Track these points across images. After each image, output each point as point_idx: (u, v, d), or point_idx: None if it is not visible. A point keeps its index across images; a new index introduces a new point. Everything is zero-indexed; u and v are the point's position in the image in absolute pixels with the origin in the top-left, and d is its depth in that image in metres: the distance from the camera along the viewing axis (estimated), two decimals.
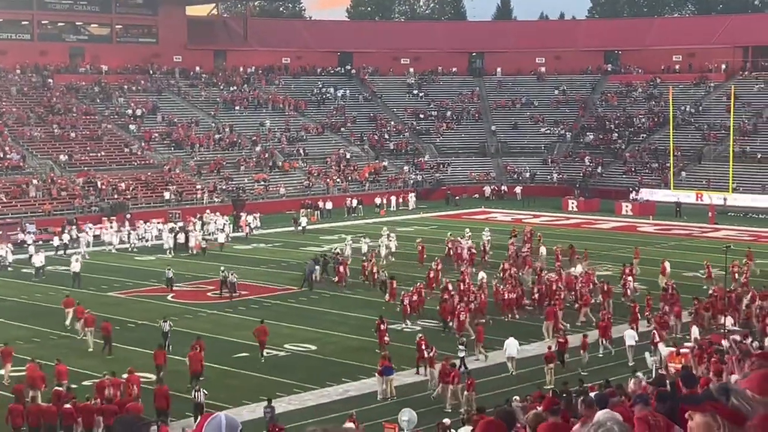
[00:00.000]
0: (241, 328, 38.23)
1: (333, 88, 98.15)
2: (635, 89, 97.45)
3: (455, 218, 71.46)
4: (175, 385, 28.87)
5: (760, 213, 70.90)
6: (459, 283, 41.36)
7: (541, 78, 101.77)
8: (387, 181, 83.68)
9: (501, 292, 40.39)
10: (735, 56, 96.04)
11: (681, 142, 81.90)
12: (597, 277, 43.18)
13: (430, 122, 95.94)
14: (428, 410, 27.54)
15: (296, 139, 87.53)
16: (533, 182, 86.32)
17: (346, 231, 63.16)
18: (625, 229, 65.79)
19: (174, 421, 27.27)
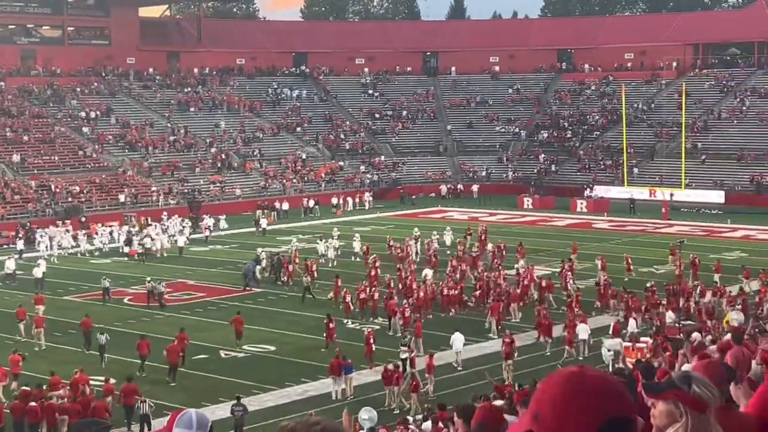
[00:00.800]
0: (199, 329, 38.12)
1: (288, 88, 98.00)
2: (588, 87, 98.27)
3: (412, 217, 71.59)
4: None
5: (712, 209, 71.76)
6: (402, 281, 42.01)
7: (495, 77, 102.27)
8: (343, 181, 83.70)
9: (441, 288, 40.97)
10: (686, 54, 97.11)
11: (634, 140, 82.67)
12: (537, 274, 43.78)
13: (385, 122, 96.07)
14: (389, 409, 27.63)
15: (252, 140, 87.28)
16: (489, 181, 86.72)
17: (303, 231, 63.15)
18: (581, 226, 66.29)
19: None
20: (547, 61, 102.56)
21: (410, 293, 40.02)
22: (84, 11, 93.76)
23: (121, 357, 33.49)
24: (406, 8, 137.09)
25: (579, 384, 2.79)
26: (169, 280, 47.59)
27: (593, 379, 2.81)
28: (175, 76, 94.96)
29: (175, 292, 45.77)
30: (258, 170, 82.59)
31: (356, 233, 56.53)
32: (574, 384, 2.79)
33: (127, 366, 31.88)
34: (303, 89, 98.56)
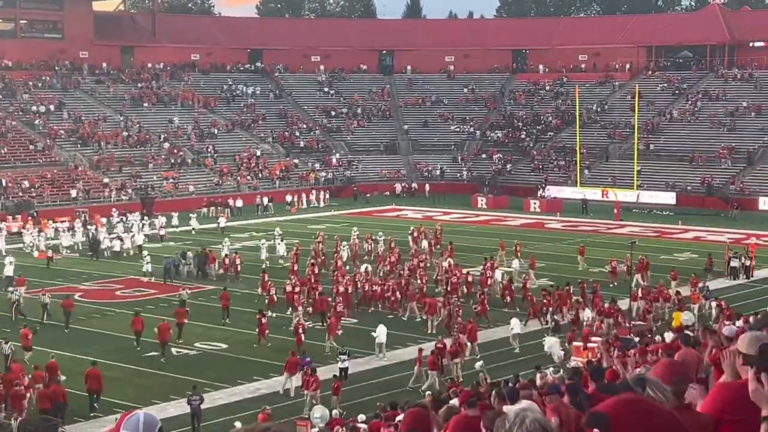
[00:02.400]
0: (150, 327, 37.84)
1: (243, 85, 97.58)
2: (542, 88, 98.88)
3: (366, 215, 71.63)
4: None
5: (663, 209, 72.48)
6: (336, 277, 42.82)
7: (450, 76, 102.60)
8: (298, 179, 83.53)
9: (363, 284, 41.62)
10: (639, 56, 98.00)
11: (587, 140, 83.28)
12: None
13: (340, 120, 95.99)
14: (341, 407, 27.59)
15: (206, 136, 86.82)
16: (443, 179, 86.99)
17: (257, 229, 62.90)
18: (534, 225, 66.65)
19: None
20: (502, 61, 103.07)
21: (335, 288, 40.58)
22: (37, 4, 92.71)
23: (72, 354, 33.16)
24: (363, 6, 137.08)
25: None
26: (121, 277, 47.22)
27: None
28: (129, 70, 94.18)
29: (127, 288, 45.49)
30: (212, 166, 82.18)
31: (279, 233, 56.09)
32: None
33: (79, 363, 31.52)
34: (258, 86, 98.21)
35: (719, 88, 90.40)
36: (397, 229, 61.90)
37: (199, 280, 47.31)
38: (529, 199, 75.68)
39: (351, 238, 53.69)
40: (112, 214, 64.69)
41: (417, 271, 44.30)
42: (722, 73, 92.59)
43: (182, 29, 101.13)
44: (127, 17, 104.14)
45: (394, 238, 53.59)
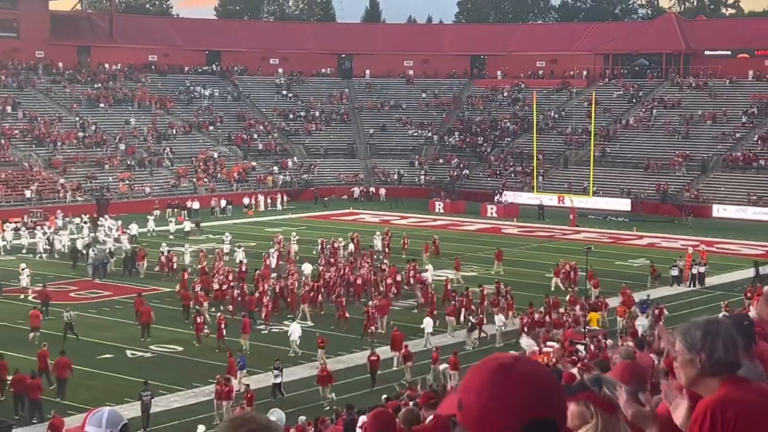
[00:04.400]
0: (105, 329, 37.72)
1: (201, 86, 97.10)
2: (500, 93, 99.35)
3: (324, 219, 71.58)
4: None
5: (618, 216, 73.07)
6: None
7: (409, 81, 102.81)
8: (256, 182, 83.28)
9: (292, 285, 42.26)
10: (596, 63, 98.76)
11: (544, 146, 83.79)
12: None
13: (299, 123, 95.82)
14: (298, 409, 27.52)
15: (163, 137, 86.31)
16: (401, 184, 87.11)
17: (214, 231, 62.57)
18: (490, 230, 66.91)
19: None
20: (460, 67, 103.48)
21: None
22: None
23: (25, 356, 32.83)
24: (322, 10, 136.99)
25: (506, 378, 2.68)
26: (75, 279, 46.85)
27: (523, 374, 2.69)
28: (85, 71, 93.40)
29: (81, 290, 45.14)
30: (169, 168, 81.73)
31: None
32: (501, 377, 2.68)
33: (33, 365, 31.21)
34: (216, 88, 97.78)
35: (674, 96, 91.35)
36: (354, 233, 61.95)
37: (127, 278, 47.88)
38: (486, 204, 75.97)
39: (283, 242, 53.54)
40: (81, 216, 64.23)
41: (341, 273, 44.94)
42: (677, 82, 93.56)
43: (139, 30, 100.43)
44: (83, 17, 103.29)
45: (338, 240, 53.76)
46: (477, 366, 2.75)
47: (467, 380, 2.74)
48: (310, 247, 53.60)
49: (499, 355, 2.78)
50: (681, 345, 4.01)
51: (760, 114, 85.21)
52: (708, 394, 3.90)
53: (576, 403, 3.69)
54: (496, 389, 2.66)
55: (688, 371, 3.97)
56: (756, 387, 4.05)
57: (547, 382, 2.71)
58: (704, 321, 4.07)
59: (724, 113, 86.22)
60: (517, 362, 2.72)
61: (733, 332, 4.06)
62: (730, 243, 60.54)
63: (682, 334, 4.02)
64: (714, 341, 3.91)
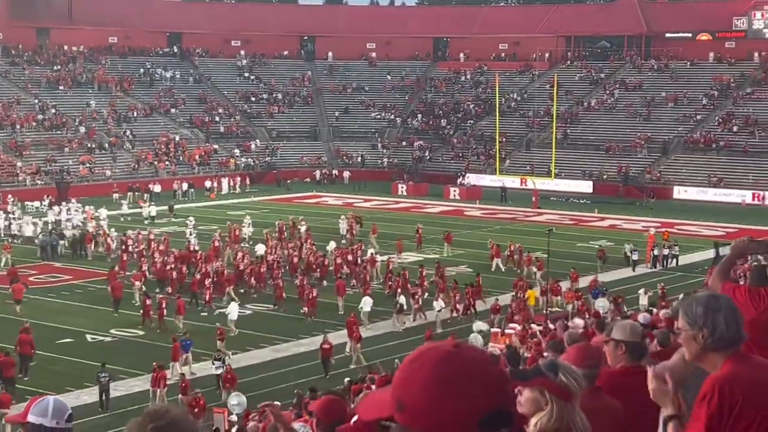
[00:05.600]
0: (64, 313, 37.44)
1: (162, 69, 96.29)
2: (463, 76, 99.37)
3: (286, 202, 71.35)
4: None
5: (580, 198, 73.40)
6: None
7: (371, 63, 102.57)
8: (218, 165, 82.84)
9: (237, 264, 42.88)
10: (558, 46, 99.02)
11: (506, 129, 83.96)
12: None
13: (261, 106, 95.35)
14: (258, 394, 27.42)
15: (123, 120, 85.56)
16: (364, 167, 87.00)
17: (176, 215, 62.07)
18: (453, 213, 67.00)
19: None
20: (423, 49, 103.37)
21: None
22: None
23: None
24: None
25: (453, 368, 2.43)
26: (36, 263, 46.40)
27: (469, 361, 2.46)
28: (44, 53, 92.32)
29: (41, 274, 44.74)
30: (129, 151, 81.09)
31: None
32: (447, 367, 2.43)
33: None
34: (177, 70, 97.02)
35: (636, 79, 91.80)
36: (317, 216, 61.94)
37: (76, 260, 47.94)
38: (449, 187, 76.07)
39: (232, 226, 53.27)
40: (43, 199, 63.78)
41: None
42: (639, 64, 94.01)
43: (100, 11, 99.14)
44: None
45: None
46: (413, 359, 2.48)
47: (404, 376, 2.47)
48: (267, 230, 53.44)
49: (435, 344, 2.51)
50: (683, 321, 4.02)
51: (721, 96, 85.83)
52: (712, 369, 3.95)
53: (531, 389, 3.62)
54: (444, 382, 2.41)
55: (692, 347, 4.00)
56: (759, 363, 4.07)
57: (495, 368, 2.51)
58: (705, 296, 4.09)
59: (685, 95, 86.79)
60: (458, 349, 2.48)
61: (734, 306, 4.07)
62: (690, 224, 60.99)
63: (683, 310, 4.03)
64: (715, 316, 3.94)
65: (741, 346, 4.03)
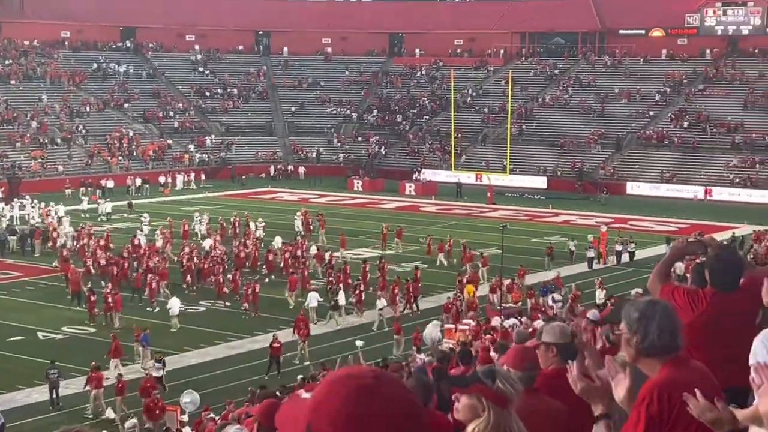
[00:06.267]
0: (16, 310, 37.06)
1: (115, 63, 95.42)
2: (419, 71, 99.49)
3: (241, 197, 71.05)
4: None
5: (535, 194, 73.76)
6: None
7: (327, 59, 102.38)
8: (172, 160, 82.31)
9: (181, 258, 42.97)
10: (513, 41, 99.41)
11: (462, 125, 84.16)
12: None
13: (216, 101, 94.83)
14: (211, 391, 27.31)
15: (76, 114, 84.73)
16: (319, 162, 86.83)
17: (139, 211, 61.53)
18: (409, 208, 67.08)
19: None
20: (378, 45, 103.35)
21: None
22: None
23: None
24: None
25: (368, 404, 2.30)
26: None
27: (387, 399, 2.32)
28: None
29: None
30: (82, 146, 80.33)
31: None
32: (363, 402, 2.31)
33: None
34: (131, 65, 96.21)
35: (590, 75, 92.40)
36: (273, 212, 61.80)
37: (25, 257, 47.70)
38: (405, 183, 76.15)
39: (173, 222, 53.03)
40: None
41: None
42: (592, 60, 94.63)
43: (52, 5, 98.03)
44: None
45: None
46: (330, 383, 2.38)
47: (318, 400, 2.38)
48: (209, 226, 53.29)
49: (358, 372, 2.40)
50: (623, 324, 4.05)
51: (673, 92, 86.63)
52: (649, 372, 3.99)
53: (468, 396, 3.63)
54: (353, 419, 2.29)
55: (628, 351, 4.03)
56: (696, 368, 4.09)
57: (412, 407, 2.39)
58: (642, 302, 4.11)
59: (638, 92, 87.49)
60: (380, 384, 2.35)
61: (671, 315, 4.08)
62: (643, 220, 61.49)
63: (624, 313, 4.06)
64: (648, 324, 3.98)
65: (679, 352, 4.06)
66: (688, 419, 3.80)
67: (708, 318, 5.78)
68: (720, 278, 5.93)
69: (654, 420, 3.84)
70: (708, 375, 4.04)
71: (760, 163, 74.40)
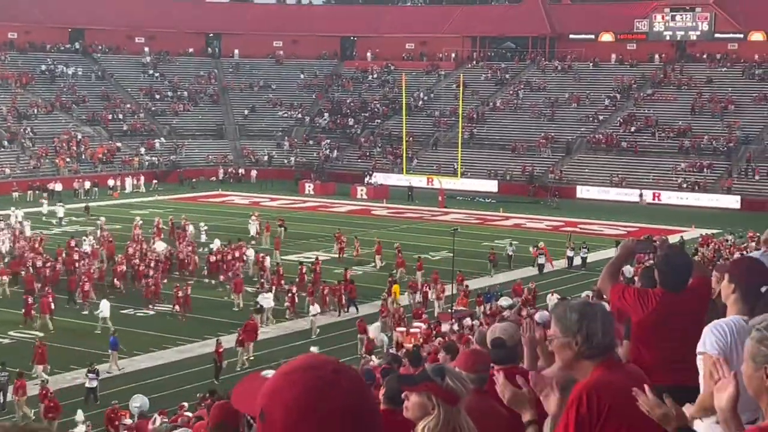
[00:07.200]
0: None
1: (63, 65, 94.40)
2: (370, 75, 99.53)
3: (191, 201, 70.61)
4: None
5: (486, 197, 74.03)
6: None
7: (278, 61, 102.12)
8: (121, 163, 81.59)
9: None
10: (464, 46, 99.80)
11: (413, 128, 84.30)
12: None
13: (166, 103, 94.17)
14: (162, 395, 27.08)
15: (23, 117, 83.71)
16: (270, 165, 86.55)
17: (77, 214, 60.90)
18: (360, 212, 67.05)
19: None
20: (330, 48, 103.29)
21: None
22: None
23: None
24: None
25: (325, 398, 2.26)
26: None
27: (345, 394, 2.28)
28: None
29: None
30: (29, 149, 79.39)
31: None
32: (319, 396, 2.26)
33: None
34: (79, 67, 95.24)
35: (540, 79, 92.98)
36: (223, 215, 61.53)
37: None
38: (356, 186, 76.10)
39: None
40: None
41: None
42: (543, 65, 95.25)
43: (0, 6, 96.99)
44: None
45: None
46: (288, 372, 2.33)
47: (275, 387, 2.33)
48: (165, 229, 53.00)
49: (318, 363, 2.35)
50: (556, 328, 3.97)
51: (622, 97, 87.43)
52: (582, 377, 3.93)
53: (418, 393, 3.62)
54: (309, 411, 2.26)
55: (565, 354, 3.95)
56: (628, 370, 4.07)
57: (367, 403, 2.35)
58: (579, 303, 4.05)
59: (588, 96, 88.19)
60: (337, 377, 2.30)
61: (608, 313, 4.06)
62: (593, 223, 61.94)
63: (556, 317, 3.98)
64: (591, 324, 3.92)
65: (611, 354, 4.04)
66: (618, 421, 3.77)
67: (657, 317, 5.84)
68: (669, 279, 5.99)
69: (583, 421, 3.78)
70: (641, 377, 4.01)
71: (708, 168, 75.29)
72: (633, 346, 6.05)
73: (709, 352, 4.49)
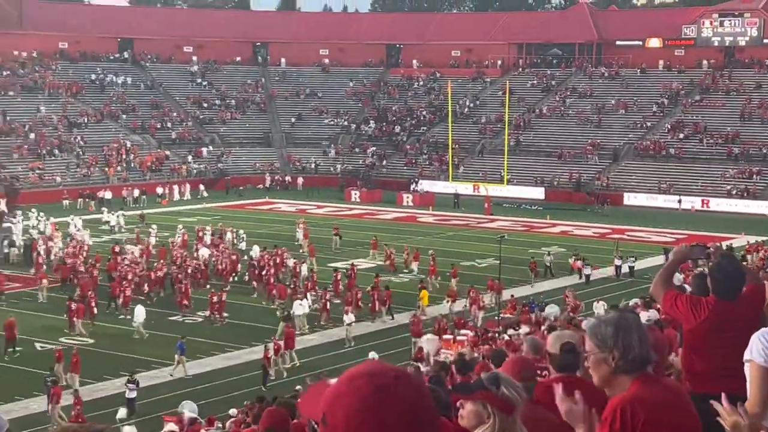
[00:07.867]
0: None
1: (113, 75, 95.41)
2: (416, 82, 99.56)
3: (239, 208, 71.00)
4: None
5: (532, 204, 73.76)
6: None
7: (325, 69, 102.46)
8: (169, 171, 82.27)
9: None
10: (510, 53, 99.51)
11: (459, 135, 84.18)
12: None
13: (213, 112, 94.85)
14: (210, 401, 27.24)
15: (74, 126, 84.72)
16: (317, 173, 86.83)
17: (127, 222, 61.47)
18: (406, 219, 67.07)
19: None
20: (376, 56, 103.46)
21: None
22: None
23: None
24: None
25: (384, 404, 2.28)
26: None
27: (403, 401, 2.30)
28: None
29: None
30: (80, 157, 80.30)
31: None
32: (378, 401, 2.29)
33: None
34: (128, 76, 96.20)
35: (587, 86, 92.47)
36: (269, 222, 61.80)
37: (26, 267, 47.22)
38: (402, 193, 76.11)
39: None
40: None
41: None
42: (590, 71, 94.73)
43: (50, 16, 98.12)
44: None
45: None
46: (350, 378, 2.37)
47: (337, 393, 2.37)
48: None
49: (380, 370, 2.38)
50: (591, 343, 3.89)
51: (670, 104, 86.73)
52: (619, 393, 3.83)
53: (473, 402, 3.64)
54: (370, 417, 2.28)
55: (602, 371, 3.85)
56: (665, 384, 4.00)
57: (427, 411, 2.37)
58: (614, 317, 3.92)
59: (635, 103, 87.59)
60: (398, 384, 2.32)
61: (643, 327, 3.99)
62: (640, 231, 61.49)
63: (591, 332, 3.88)
64: (627, 336, 3.82)
65: (648, 368, 3.90)
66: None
67: (710, 325, 5.81)
68: (722, 287, 5.96)
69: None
70: (679, 390, 3.93)
71: (757, 174, 74.47)
72: (685, 353, 6.03)
73: (755, 359, 4.48)
